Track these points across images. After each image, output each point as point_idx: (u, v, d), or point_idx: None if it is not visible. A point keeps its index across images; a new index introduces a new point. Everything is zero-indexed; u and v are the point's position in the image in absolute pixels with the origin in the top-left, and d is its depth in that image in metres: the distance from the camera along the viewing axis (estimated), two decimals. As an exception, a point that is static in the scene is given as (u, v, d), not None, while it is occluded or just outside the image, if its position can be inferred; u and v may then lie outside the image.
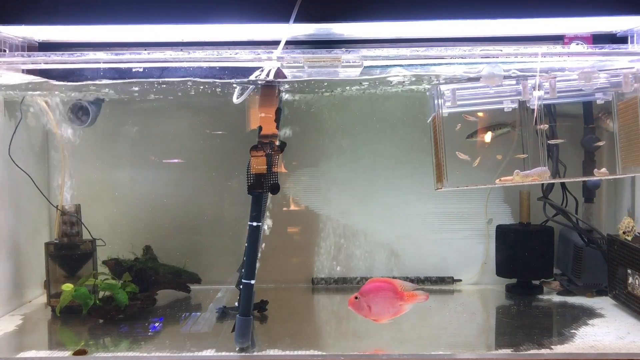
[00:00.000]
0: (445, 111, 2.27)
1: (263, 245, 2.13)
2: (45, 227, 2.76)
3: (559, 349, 1.95)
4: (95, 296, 2.35)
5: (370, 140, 2.79)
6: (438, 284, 2.79)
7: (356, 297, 2.00)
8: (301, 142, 2.75)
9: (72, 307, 2.32)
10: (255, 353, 1.96)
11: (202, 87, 2.31)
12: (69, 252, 2.50)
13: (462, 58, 1.98)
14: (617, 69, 2.11)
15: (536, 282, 2.66)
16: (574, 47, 2.08)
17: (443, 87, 2.23)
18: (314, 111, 2.75)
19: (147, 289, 2.47)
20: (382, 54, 1.96)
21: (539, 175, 2.18)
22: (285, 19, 1.82)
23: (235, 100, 2.27)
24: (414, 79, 2.21)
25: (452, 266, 2.81)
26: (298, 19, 1.82)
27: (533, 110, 2.19)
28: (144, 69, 2.02)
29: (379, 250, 2.82)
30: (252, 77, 2.07)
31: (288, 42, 1.96)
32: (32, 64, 2.01)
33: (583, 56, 2.06)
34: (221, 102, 2.59)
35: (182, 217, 2.79)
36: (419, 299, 2.00)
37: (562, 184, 2.66)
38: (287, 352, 1.95)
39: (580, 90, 2.20)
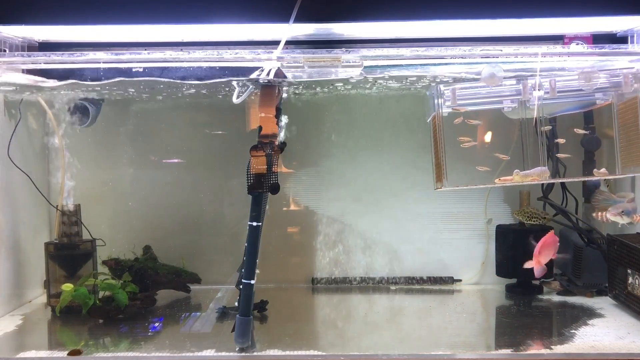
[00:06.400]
0: (445, 111, 2.27)
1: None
2: (45, 227, 2.76)
3: (559, 349, 1.95)
4: (95, 296, 2.35)
5: (370, 139, 2.79)
6: (438, 284, 2.79)
7: None
8: (301, 142, 2.76)
9: (72, 307, 2.33)
10: (255, 353, 1.96)
11: (204, 90, 2.31)
12: (69, 252, 2.50)
13: (462, 58, 1.98)
14: (617, 69, 2.11)
15: (536, 282, 2.66)
16: (574, 47, 2.08)
17: (443, 87, 2.23)
18: (313, 110, 2.76)
19: (147, 289, 2.47)
20: (382, 54, 1.96)
21: (539, 175, 2.18)
22: (285, 19, 1.82)
23: (235, 100, 2.27)
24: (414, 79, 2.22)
25: (452, 266, 2.81)
26: (298, 19, 1.82)
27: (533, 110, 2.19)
28: (144, 68, 2.02)
29: (379, 250, 2.82)
30: (252, 77, 2.06)
31: (288, 42, 1.96)
32: (32, 64, 2.01)
33: (583, 56, 2.06)
34: (221, 102, 2.60)
35: (182, 217, 2.79)
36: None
37: (562, 184, 2.66)
38: (287, 352, 1.95)
39: (580, 90, 2.20)
